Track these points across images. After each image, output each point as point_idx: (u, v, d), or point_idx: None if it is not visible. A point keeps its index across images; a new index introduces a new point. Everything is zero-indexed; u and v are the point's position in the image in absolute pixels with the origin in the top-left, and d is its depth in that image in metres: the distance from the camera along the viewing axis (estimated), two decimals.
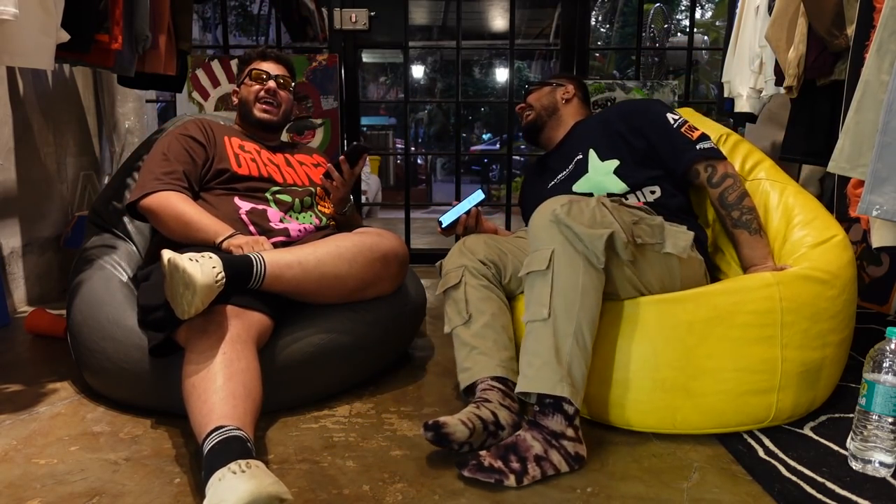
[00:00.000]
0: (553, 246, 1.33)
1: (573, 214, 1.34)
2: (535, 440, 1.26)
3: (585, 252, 1.33)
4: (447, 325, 1.59)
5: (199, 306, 1.29)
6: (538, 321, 1.32)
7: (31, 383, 1.74)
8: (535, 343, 1.31)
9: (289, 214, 1.80)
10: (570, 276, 1.32)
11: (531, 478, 1.23)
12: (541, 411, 1.29)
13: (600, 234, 1.33)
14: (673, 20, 9.83)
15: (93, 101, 3.13)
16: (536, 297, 1.33)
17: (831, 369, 1.50)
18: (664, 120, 1.73)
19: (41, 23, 1.53)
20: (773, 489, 1.21)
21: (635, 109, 1.80)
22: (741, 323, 1.39)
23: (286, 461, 1.32)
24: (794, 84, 2.13)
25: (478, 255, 1.61)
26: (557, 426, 1.27)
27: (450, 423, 1.28)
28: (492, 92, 15.42)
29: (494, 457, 1.24)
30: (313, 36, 4.17)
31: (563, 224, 1.34)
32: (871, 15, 1.59)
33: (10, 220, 2.47)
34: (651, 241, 1.44)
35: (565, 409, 1.28)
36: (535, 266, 1.34)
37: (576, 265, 1.32)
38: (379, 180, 8.80)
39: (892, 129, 1.32)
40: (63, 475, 1.26)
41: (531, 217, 1.42)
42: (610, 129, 1.77)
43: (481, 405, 1.38)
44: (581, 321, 1.31)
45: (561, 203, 1.37)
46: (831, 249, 1.59)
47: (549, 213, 1.36)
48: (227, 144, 1.84)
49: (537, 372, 1.29)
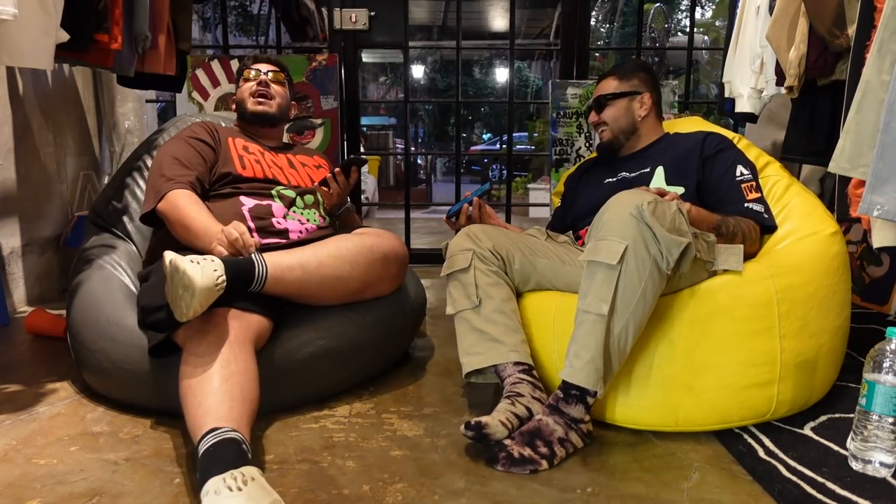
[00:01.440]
0: (628, 242, 1.31)
1: (657, 214, 1.32)
2: (558, 424, 1.32)
3: (657, 256, 1.31)
4: (451, 307, 1.58)
5: (197, 309, 1.29)
6: (594, 314, 1.32)
7: (30, 383, 1.74)
8: (587, 336, 1.32)
9: (293, 210, 1.80)
10: (637, 277, 1.31)
11: (559, 458, 1.30)
12: (564, 399, 1.33)
13: (679, 241, 1.31)
14: (673, 20, 9.83)
15: (93, 101, 3.13)
16: (597, 290, 1.32)
17: (827, 360, 1.51)
18: (733, 169, 1.69)
19: (41, 23, 1.53)
20: (774, 489, 1.21)
21: (716, 145, 1.74)
22: (741, 316, 1.40)
23: (286, 461, 1.32)
24: (794, 84, 2.13)
25: (486, 245, 1.60)
26: (578, 414, 1.33)
27: (490, 424, 1.31)
28: (492, 92, 15.42)
29: (522, 445, 1.28)
30: (313, 36, 4.18)
31: (644, 222, 1.31)
32: (871, 15, 1.59)
33: (10, 220, 2.47)
34: (707, 259, 1.43)
35: (588, 400, 1.33)
36: (604, 258, 1.32)
37: (644, 267, 1.31)
38: (375, 180, 8.80)
39: (892, 129, 1.32)
40: (63, 475, 1.26)
41: (609, 202, 1.38)
42: (687, 155, 1.73)
43: (515, 401, 1.40)
44: (629, 323, 1.32)
45: (648, 200, 1.33)
46: (822, 240, 1.60)
47: (633, 206, 1.32)
48: (231, 146, 1.84)
49: (584, 366, 1.31)
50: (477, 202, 1.79)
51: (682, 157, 1.74)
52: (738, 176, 1.68)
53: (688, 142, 1.78)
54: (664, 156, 1.77)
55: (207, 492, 1.04)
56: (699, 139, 1.76)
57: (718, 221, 1.58)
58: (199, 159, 1.76)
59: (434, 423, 1.51)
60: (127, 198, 2.01)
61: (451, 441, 1.41)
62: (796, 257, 1.56)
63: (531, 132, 8.95)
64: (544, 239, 1.76)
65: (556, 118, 3.27)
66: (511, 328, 1.53)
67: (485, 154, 13.64)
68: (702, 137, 1.76)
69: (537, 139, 8.24)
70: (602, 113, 1.85)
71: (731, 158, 1.71)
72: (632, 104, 1.83)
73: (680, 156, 1.75)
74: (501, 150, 10.72)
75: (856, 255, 2.67)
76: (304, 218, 1.79)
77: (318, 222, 1.83)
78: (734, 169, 1.69)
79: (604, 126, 1.85)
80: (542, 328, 1.57)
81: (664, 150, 1.80)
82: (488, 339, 1.50)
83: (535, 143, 8.53)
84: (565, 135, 3.28)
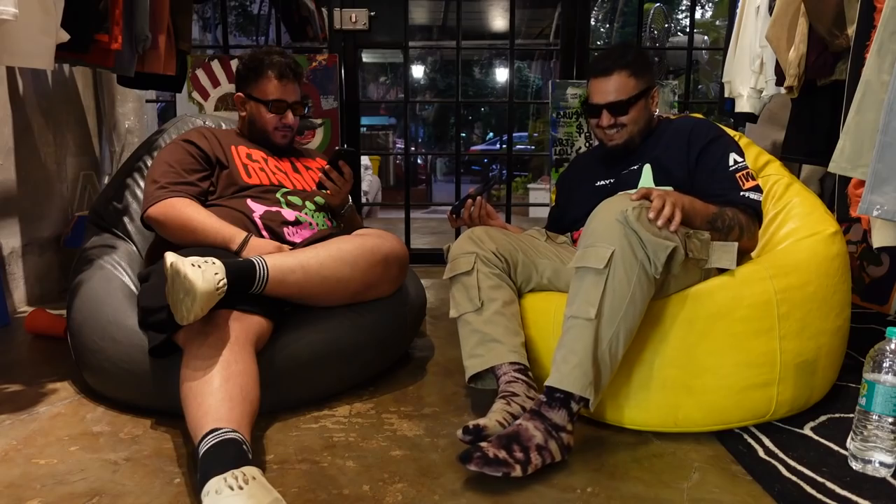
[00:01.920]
0: (614, 247, 1.31)
1: (642, 219, 1.32)
2: (538, 430, 1.27)
3: (644, 260, 1.31)
4: (454, 310, 1.58)
5: (198, 313, 1.28)
6: (582, 319, 1.31)
7: (31, 383, 1.74)
8: (574, 341, 1.31)
9: (303, 213, 1.81)
10: (625, 281, 1.30)
11: (534, 466, 1.24)
12: (547, 403, 1.30)
13: (666, 245, 1.31)
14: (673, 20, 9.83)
15: (93, 101, 3.13)
16: (585, 295, 1.32)
17: (827, 361, 1.51)
18: (725, 158, 1.64)
19: (41, 23, 1.53)
20: (774, 489, 1.21)
21: (706, 134, 1.68)
22: (741, 317, 1.40)
23: (286, 461, 1.32)
24: (794, 84, 2.13)
25: (490, 247, 1.60)
26: (560, 420, 1.29)
27: (489, 426, 1.30)
28: (492, 92, 15.42)
29: (497, 447, 1.24)
30: (313, 36, 4.18)
31: (630, 227, 1.31)
32: (871, 15, 1.59)
33: (10, 220, 2.47)
34: (700, 257, 1.43)
35: (572, 406, 1.29)
36: (591, 262, 1.32)
37: (631, 271, 1.31)
38: (379, 180, 8.80)
39: (892, 129, 1.32)
40: (63, 475, 1.26)
41: (595, 210, 1.38)
42: (676, 148, 1.68)
43: (511, 401, 1.39)
44: (620, 330, 1.31)
45: (633, 205, 1.33)
46: (822, 241, 1.60)
47: (618, 212, 1.33)
48: (234, 154, 1.84)
49: (571, 370, 1.29)
50: (479, 201, 1.79)
51: (670, 151, 1.69)
52: (732, 165, 1.62)
53: (676, 132, 1.71)
54: (654, 151, 1.71)
55: (208, 492, 1.04)
56: (687, 129, 1.69)
57: (714, 214, 1.54)
58: (192, 163, 1.76)
59: (434, 423, 1.51)
60: (127, 198, 2.01)
61: (451, 441, 1.41)
62: (796, 258, 1.55)
63: (531, 132, 8.95)
64: (544, 240, 1.76)
65: (556, 118, 3.27)
66: (511, 331, 1.53)
67: (485, 154, 13.64)
68: (690, 126, 1.70)
69: (537, 139, 8.24)
70: (622, 116, 1.69)
71: (722, 147, 1.66)
72: (648, 102, 1.73)
73: (667, 151, 1.69)
74: (501, 150, 10.72)
75: (856, 255, 2.67)
76: (315, 221, 1.81)
77: (325, 225, 1.84)
78: (726, 159, 1.63)
79: (620, 128, 1.71)
80: (542, 329, 1.57)
81: (655, 143, 1.73)
82: (488, 340, 1.51)
83: (535, 143, 8.53)
84: (565, 135, 3.28)
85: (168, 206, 1.65)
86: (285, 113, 1.87)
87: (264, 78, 1.85)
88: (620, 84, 1.67)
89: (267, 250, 1.58)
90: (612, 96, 1.68)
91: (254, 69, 1.86)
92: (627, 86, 1.68)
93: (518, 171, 9.01)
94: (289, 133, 1.92)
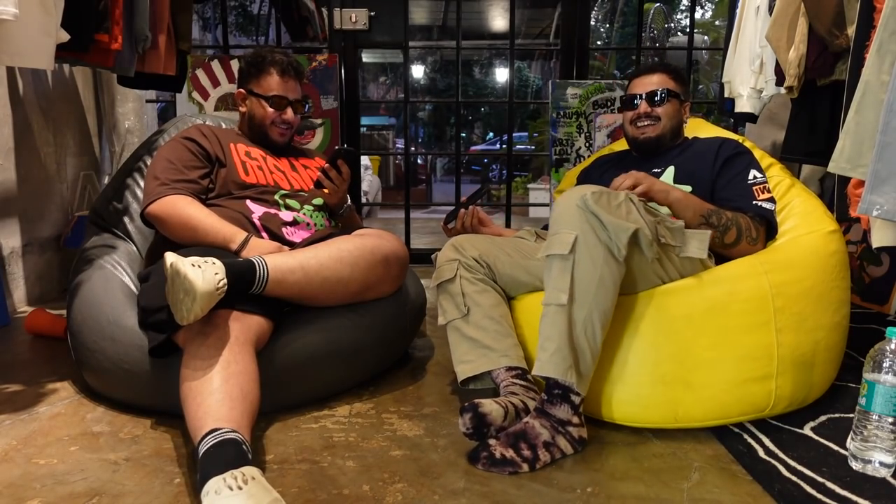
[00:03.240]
0: (576, 232, 1.33)
1: (602, 203, 1.34)
2: (544, 427, 1.30)
3: (608, 242, 1.32)
4: (442, 318, 1.61)
5: (198, 313, 1.28)
6: (555, 305, 1.33)
7: (31, 383, 1.74)
8: (550, 327, 1.33)
9: (301, 213, 1.81)
10: (590, 264, 1.32)
11: (542, 462, 1.28)
12: (549, 400, 1.32)
13: (626, 226, 1.33)
14: (673, 20, 9.83)
15: (93, 101, 3.13)
16: (555, 282, 1.34)
17: (825, 356, 1.52)
18: (746, 172, 1.69)
19: (41, 23, 1.53)
20: (774, 489, 1.21)
21: (733, 148, 1.74)
22: (736, 311, 1.41)
23: (286, 461, 1.32)
24: (794, 84, 2.13)
25: (470, 254, 1.63)
26: (564, 415, 1.31)
27: (484, 402, 1.32)
28: (492, 92, 15.42)
29: (505, 445, 1.27)
30: (313, 36, 4.17)
31: (589, 211, 1.33)
32: (871, 15, 1.59)
33: (10, 220, 2.47)
34: (672, 244, 1.45)
35: (572, 399, 1.32)
36: (556, 249, 1.34)
37: (596, 254, 1.32)
38: (379, 180, 8.80)
39: (892, 129, 1.32)
40: (63, 475, 1.26)
41: (557, 200, 1.41)
42: (702, 156, 1.74)
43: (510, 398, 1.41)
44: (593, 312, 1.32)
45: (592, 190, 1.36)
46: (819, 238, 1.61)
47: (578, 198, 1.35)
48: (233, 152, 1.84)
49: (550, 357, 1.31)
50: (472, 210, 1.80)
51: (696, 158, 1.75)
52: (751, 179, 1.68)
53: (706, 145, 1.78)
54: (679, 157, 1.78)
55: (208, 492, 1.04)
56: (717, 143, 1.77)
57: (710, 211, 1.58)
58: (192, 160, 1.76)
59: (434, 423, 1.51)
60: (127, 198, 2.01)
61: (451, 441, 1.41)
62: (792, 253, 1.57)
63: (531, 132, 8.96)
64: (534, 240, 1.78)
65: (556, 118, 3.27)
66: (501, 333, 1.54)
67: (485, 154, 13.64)
68: (720, 142, 1.77)
69: (537, 139, 8.24)
70: (658, 107, 1.78)
71: (745, 162, 1.72)
72: (681, 109, 1.83)
73: (694, 157, 1.75)
74: (501, 150, 10.72)
75: (856, 255, 2.67)
76: (313, 221, 1.81)
77: (324, 225, 1.84)
78: (747, 172, 1.69)
79: (654, 121, 1.78)
80: (535, 330, 1.56)
81: (681, 152, 1.80)
82: (479, 347, 1.53)
83: (535, 143, 8.53)
84: (565, 135, 3.28)
85: (168, 204, 1.65)
86: (285, 109, 1.87)
87: (266, 74, 1.86)
88: (662, 80, 1.81)
89: (267, 250, 1.58)
90: (653, 87, 1.79)
91: (256, 65, 1.87)
92: (667, 83, 1.80)
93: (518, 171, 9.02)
94: (287, 131, 1.91)
